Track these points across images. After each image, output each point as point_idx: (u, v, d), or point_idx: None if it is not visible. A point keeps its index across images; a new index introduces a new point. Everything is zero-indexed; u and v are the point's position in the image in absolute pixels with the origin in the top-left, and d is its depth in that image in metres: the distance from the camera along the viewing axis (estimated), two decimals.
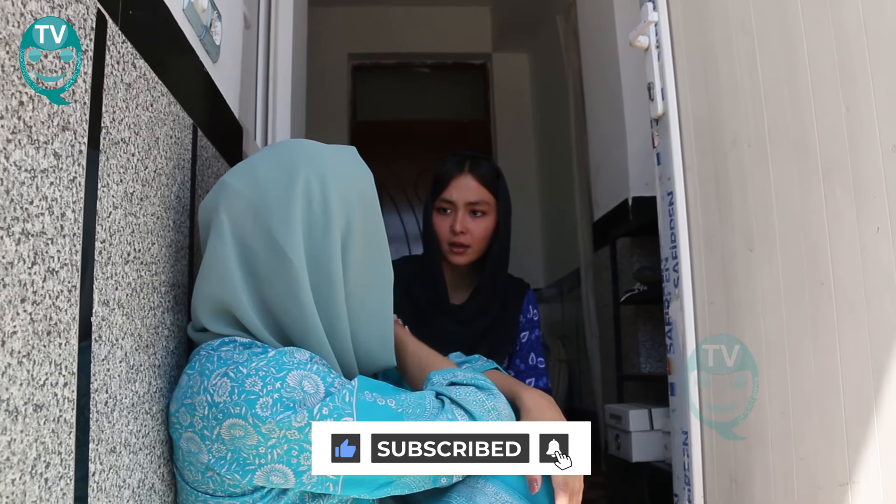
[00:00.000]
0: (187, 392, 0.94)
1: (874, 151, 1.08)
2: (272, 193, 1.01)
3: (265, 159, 1.05)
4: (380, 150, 5.50)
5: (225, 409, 0.90)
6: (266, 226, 1.00)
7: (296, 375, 0.92)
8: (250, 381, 0.90)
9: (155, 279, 1.00)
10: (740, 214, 1.41)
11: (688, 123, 1.58)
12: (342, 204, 1.02)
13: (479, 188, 1.67)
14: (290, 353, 0.95)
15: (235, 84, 1.59)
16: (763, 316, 1.35)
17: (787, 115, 1.27)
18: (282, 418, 0.89)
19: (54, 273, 0.70)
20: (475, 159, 1.71)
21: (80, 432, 0.75)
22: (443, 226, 1.69)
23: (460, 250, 1.67)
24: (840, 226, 1.16)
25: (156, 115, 1.00)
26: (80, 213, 0.76)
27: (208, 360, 0.96)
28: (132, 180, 0.91)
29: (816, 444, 1.23)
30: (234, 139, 1.52)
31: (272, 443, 0.90)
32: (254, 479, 0.91)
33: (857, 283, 1.12)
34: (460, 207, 1.67)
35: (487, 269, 1.71)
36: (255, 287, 1.01)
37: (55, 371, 0.69)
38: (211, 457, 0.92)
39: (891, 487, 1.08)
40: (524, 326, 1.81)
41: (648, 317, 2.68)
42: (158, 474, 0.98)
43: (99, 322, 0.80)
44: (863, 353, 1.12)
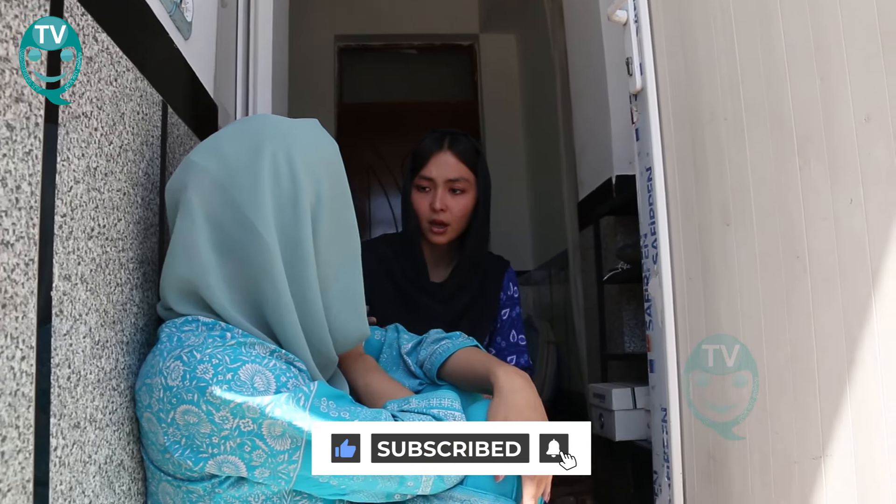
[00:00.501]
0: (148, 372, 0.94)
1: (848, 123, 1.08)
2: (239, 169, 0.99)
3: (230, 136, 1.04)
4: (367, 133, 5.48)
5: (178, 394, 0.89)
6: (235, 202, 0.99)
7: (249, 369, 0.90)
8: (202, 368, 0.89)
9: (122, 255, 0.99)
10: (717, 189, 1.40)
11: (666, 99, 1.57)
12: (310, 176, 1.01)
13: (458, 165, 1.66)
14: (249, 346, 0.94)
15: (209, 62, 1.57)
16: (740, 291, 1.35)
17: (762, 88, 1.26)
18: (234, 407, 0.88)
19: (9, 246, 0.68)
20: (454, 136, 1.70)
21: (41, 407, 0.74)
22: (422, 204, 1.68)
23: (440, 230, 1.66)
24: (815, 198, 1.15)
25: (120, 91, 0.98)
26: (38, 186, 0.75)
27: (168, 339, 0.95)
28: (95, 155, 0.90)
29: (791, 418, 1.23)
30: (208, 118, 1.51)
31: (225, 433, 0.89)
32: (206, 468, 0.91)
33: (831, 255, 1.12)
34: (440, 185, 1.65)
35: (467, 246, 1.70)
36: (228, 266, 1.00)
37: (11, 344, 0.68)
38: (167, 439, 0.91)
39: (862, 460, 1.09)
40: (504, 303, 1.81)
41: (632, 296, 2.68)
42: (128, 451, 0.98)
43: (60, 297, 0.79)
44: (836, 327, 1.12)
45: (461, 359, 1.22)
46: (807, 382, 1.18)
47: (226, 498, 0.94)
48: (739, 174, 1.33)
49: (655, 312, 1.60)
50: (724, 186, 1.38)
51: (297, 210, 1.00)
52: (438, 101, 5.55)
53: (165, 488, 0.96)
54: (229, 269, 1.00)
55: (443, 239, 1.68)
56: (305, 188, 1.00)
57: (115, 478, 0.94)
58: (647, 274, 1.64)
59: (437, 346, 1.25)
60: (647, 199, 1.60)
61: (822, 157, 1.13)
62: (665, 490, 1.60)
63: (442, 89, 5.68)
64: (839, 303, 1.11)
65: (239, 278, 1.01)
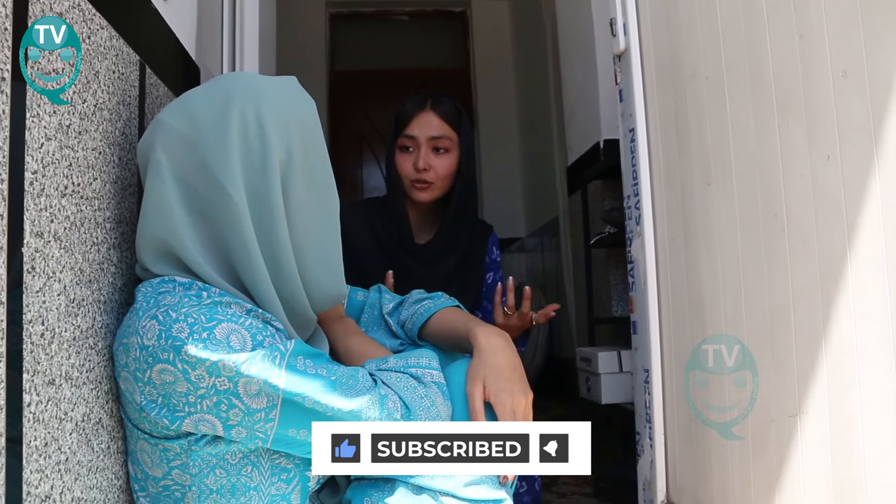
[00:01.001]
0: (125, 332, 0.94)
1: (826, 79, 1.08)
2: (207, 127, 0.98)
3: (200, 94, 1.03)
4: (359, 100, 5.45)
5: (154, 353, 0.89)
6: (203, 161, 0.98)
7: (225, 328, 0.90)
8: (177, 327, 0.89)
9: (98, 215, 0.98)
10: (698, 149, 1.40)
11: (649, 59, 1.56)
12: (280, 134, 1.00)
13: (441, 124, 1.66)
14: (225, 305, 0.93)
15: (190, 23, 1.56)
16: (720, 251, 1.35)
17: (743, 46, 1.26)
18: (210, 366, 0.89)
19: None
20: (436, 97, 1.69)
21: (12, 362, 0.75)
22: (405, 164, 1.68)
23: (423, 185, 1.66)
24: (793, 157, 1.15)
25: (94, 49, 0.97)
26: (6, 141, 0.74)
27: (144, 299, 0.94)
28: (68, 112, 0.89)
29: (769, 376, 1.24)
30: (189, 79, 1.50)
31: (202, 392, 0.89)
32: (182, 426, 0.91)
33: (808, 213, 1.13)
34: (423, 144, 1.65)
35: (451, 207, 1.70)
36: (199, 225, 1.00)
37: None
38: (143, 398, 0.91)
39: (836, 417, 1.10)
40: (489, 266, 1.82)
41: (619, 259, 2.69)
42: (106, 409, 0.98)
43: (32, 253, 0.79)
44: (812, 285, 1.12)
45: (442, 319, 1.22)
46: (784, 341, 1.19)
47: (202, 455, 0.95)
48: (720, 134, 1.33)
49: (638, 274, 1.61)
50: (705, 146, 1.38)
51: (265, 168, 0.99)
52: (431, 67, 5.52)
53: (143, 446, 0.97)
54: (201, 228, 1.00)
55: (426, 196, 1.68)
56: (275, 146, 0.99)
57: (94, 435, 0.95)
58: (630, 236, 1.65)
59: (418, 307, 1.26)
60: (630, 160, 1.60)
61: (801, 116, 1.13)
62: (647, 450, 1.62)
63: (434, 56, 5.65)
64: (815, 260, 1.12)
65: (211, 237, 1.00)
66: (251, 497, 0.98)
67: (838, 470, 1.09)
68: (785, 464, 1.20)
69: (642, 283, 1.59)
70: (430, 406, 0.99)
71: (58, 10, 0.86)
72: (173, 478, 0.96)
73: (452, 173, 1.68)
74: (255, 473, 0.98)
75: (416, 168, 1.64)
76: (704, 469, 1.43)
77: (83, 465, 0.91)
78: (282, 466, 0.99)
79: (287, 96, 1.04)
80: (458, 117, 1.69)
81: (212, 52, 2.03)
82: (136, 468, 1.00)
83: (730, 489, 1.35)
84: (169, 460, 0.95)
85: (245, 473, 0.97)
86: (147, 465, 0.98)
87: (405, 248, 1.72)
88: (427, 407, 0.98)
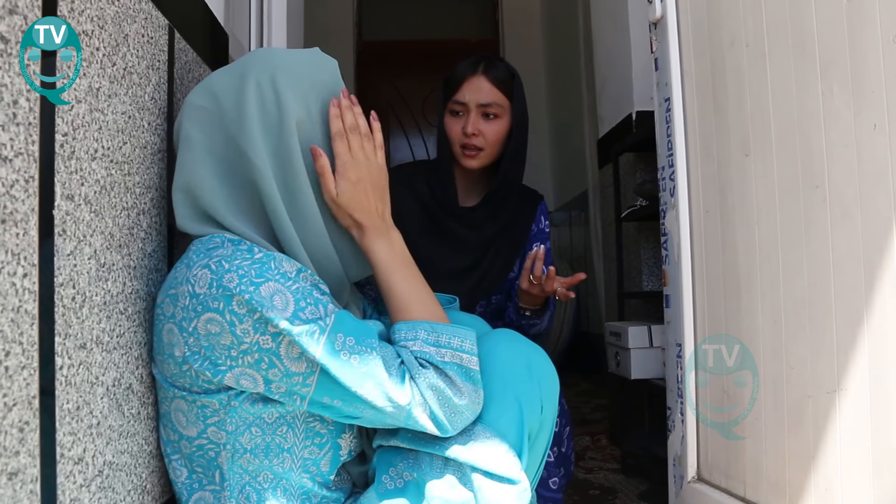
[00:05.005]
0: (172, 283, 0.95)
1: (874, 43, 1.03)
2: (227, 100, 1.02)
3: (220, 72, 1.08)
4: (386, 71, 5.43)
5: (204, 301, 0.90)
6: (228, 133, 1.01)
7: (270, 287, 0.91)
8: (228, 277, 0.90)
9: (128, 179, 0.98)
10: (737, 118, 1.36)
11: (686, 26, 1.52)
12: (296, 96, 1.02)
13: (492, 90, 1.63)
14: (278, 261, 0.94)
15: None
16: (757, 223, 1.32)
17: (785, 10, 1.22)
18: (256, 321, 0.89)
19: (7, 161, 0.68)
20: (490, 60, 1.66)
21: (45, 325, 0.74)
22: (454, 128, 1.66)
23: (472, 153, 1.64)
24: (836, 125, 1.12)
25: (123, 11, 0.96)
26: (36, 102, 0.73)
27: (196, 252, 0.96)
28: (97, 75, 0.88)
29: (806, 351, 1.21)
30: (217, 46, 1.48)
31: (244, 347, 0.90)
32: (224, 380, 0.92)
33: (852, 184, 1.09)
34: (472, 109, 1.63)
35: (500, 172, 1.68)
36: (234, 194, 1.02)
37: (13, 261, 0.68)
38: (187, 349, 0.93)
39: (878, 392, 1.07)
40: (536, 237, 1.80)
41: (651, 233, 2.65)
42: (136, 375, 0.98)
43: (63, 216, 0.79)
44: (855, 257, 1.09)
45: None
46: (823, 315, 1.16)
47: (240, 412, 0.95)
48: (760, 103, 1.29)
49: (672, 247, 1.58)
50: (743, 116, 1.34)
51: (283, 130, 1.01)
52: (459, 38, 5.47)
53: (179, 405, 0.97)
54: (236, 198, 1.02)
55: (475, 163, 1.66)
56: (290, 107, 1.01)
57: (124, 400, 0.95)
58: (664, 207, 1.61)
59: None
60: (666, 130, 1.56)
61: (846, 81, 1.09)
62: (678, 426, 1.60)
63: (463, 27, 5.60)
64: (859, 233, 1.08)
65: (247, 204, 1.02)
66: (284, 459, 0.99)
67: (878, 448, 1.07)
68: (822, 441, 1.17)
69: (676, 255, 1.56)
70: (464, 421, 0.99)
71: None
72: (208, 435, 0.97)
73: (502, 139, 1.66)
74: (289, 434, 0.98)
75: (465, 132, 1.62)
76: (737, 445, 1.41)
77: (114, 429, 0.92)
78: (316, 430, 1.01)
79: (302, 59, 1.07)
80: (511, 82, 1.66)
81: (240, 21, 2.01)
82: (169, 430, 1.00)
83: (762, 466, 1.33)
84: (206, 417, 0.96)
85: (280, 433, 0.98)
86: (181, 425, 0.98)
87: (450, 211, 1.71)
88: (460, 423, 0.98)
